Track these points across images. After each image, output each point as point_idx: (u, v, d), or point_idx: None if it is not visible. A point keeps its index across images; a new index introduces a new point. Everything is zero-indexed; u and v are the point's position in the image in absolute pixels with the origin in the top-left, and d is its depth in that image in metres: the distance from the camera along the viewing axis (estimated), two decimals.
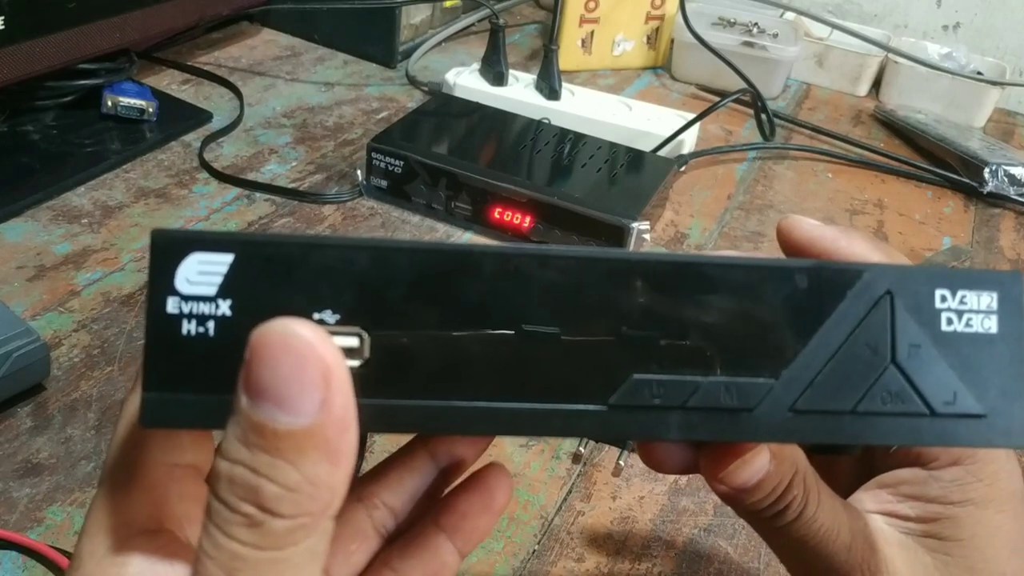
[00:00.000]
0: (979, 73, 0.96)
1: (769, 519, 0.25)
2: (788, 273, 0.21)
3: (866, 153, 0.85)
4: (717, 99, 0.82)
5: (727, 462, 0.23)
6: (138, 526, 0.20)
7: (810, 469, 0.26)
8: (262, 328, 0.17)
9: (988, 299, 0.21)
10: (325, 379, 0.17)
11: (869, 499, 0.28)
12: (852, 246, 0.27)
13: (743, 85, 0.84)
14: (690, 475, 0.47)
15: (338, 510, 0.18)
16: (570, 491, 0.46)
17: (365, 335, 0.20)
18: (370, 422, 0.19)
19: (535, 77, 0.80)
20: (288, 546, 0.17)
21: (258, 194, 0.65)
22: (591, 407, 0.20)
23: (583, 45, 0.93)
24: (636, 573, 0.42)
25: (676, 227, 0.70)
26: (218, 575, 0.17)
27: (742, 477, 0.24)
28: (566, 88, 0.79)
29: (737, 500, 0.24)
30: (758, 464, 0.23)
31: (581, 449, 0.48)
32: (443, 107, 0.73)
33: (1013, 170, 0.79)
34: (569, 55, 0.91)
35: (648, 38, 0.96)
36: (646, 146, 0.72)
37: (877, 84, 0.98)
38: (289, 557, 0.17)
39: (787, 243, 0.28)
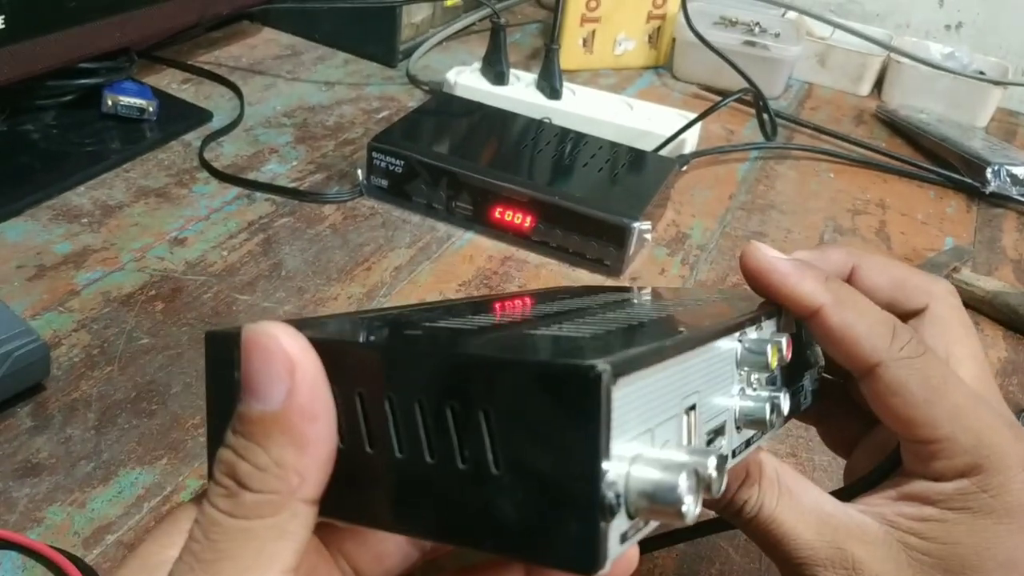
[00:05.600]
0: (981, 73, 0.95)
1: (730, 515, 0.27)
2: None
3: (868, 153, 0.85)
4: (719, 98, 0.82)
5: None
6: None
7: (781, 470, 0.28)
8: (246, 328, 0.20)
9: None
10: (289, 371, 0.19)
11: (874, 494, 0.29)
12: (802, 284, 0.27)
13: (745, 84, 0.84)
14: None
15: (314, 497, 0.20)
16: None
17: None
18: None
19: (536, 76, 0.80)
20: (255, 518, 0.19)
21: (258, 193, 0.65)
22: None
23: (584, 44, 0.93)
24: (636, 573, 0.42)
25: (678, 227, 0.70)
26: (198, 535, 0.20)
27: None
28: (567, 87, 0.79)
29: None
30: None
31: None
32: (444, 106, 0.73)
33: (1016, 170, 0.79)
34: (570, 54, 0.91)
35: (650, 37, 0.96)
36: (647, 146, 0.72)
37: (879, 84, 0.98)
38: (256, 528, 0.19)
39: (746, 270, 0.28)
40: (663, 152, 0.73)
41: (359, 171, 0.67)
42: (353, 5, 0.87)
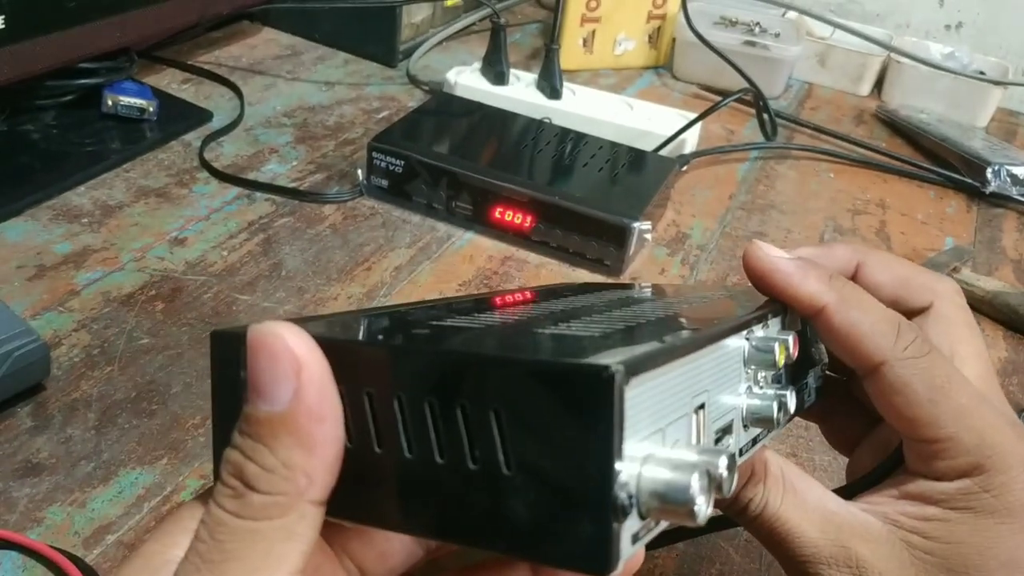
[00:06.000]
0: (981, 73, 0.95)
1: (735, 513, 0.28)
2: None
3: (868, 153, 0.85)
4: (719, 98, 0.82)
5: None
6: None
7: (786, 467, 0.28)
8: (251, 328, 0.19)
9: None
10: (296, 371, 0.19)
11: (876, 493, 0.29)
12: (805, 284, 0.27)
13: (745, 84, 0.84)
14: None
15: (321, 499, 0.20)
16: None
17: None
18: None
19: (536, 76, 0.80)
20: (263, 519, 0.19)
21: (258, 194, 0.65)
22: None
23: (584, 44, 0.93)
24: (637, 573, 0.42)
25: (678, 227, 0.70)
26: (205, 536, 0.19)
27: None
28: (567, 87, 0.79)
29: None
30: None
31: None
32: (444, 106, 0.73)
33: (1016, 170, 0.79)
34: (570, 54, 0.91)
35: (650, 37, 0.96)
36: (647, 145, 0.72)
37: (879, 84, 0.98)
38: (263, 529, 0.19)
39: (749, 270, 0.28)
40: (663, 152, 0.73)
41: (359, 171, 0.67)
42: (353, 5, 0.87)
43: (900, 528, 0.27)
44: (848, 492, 0.29)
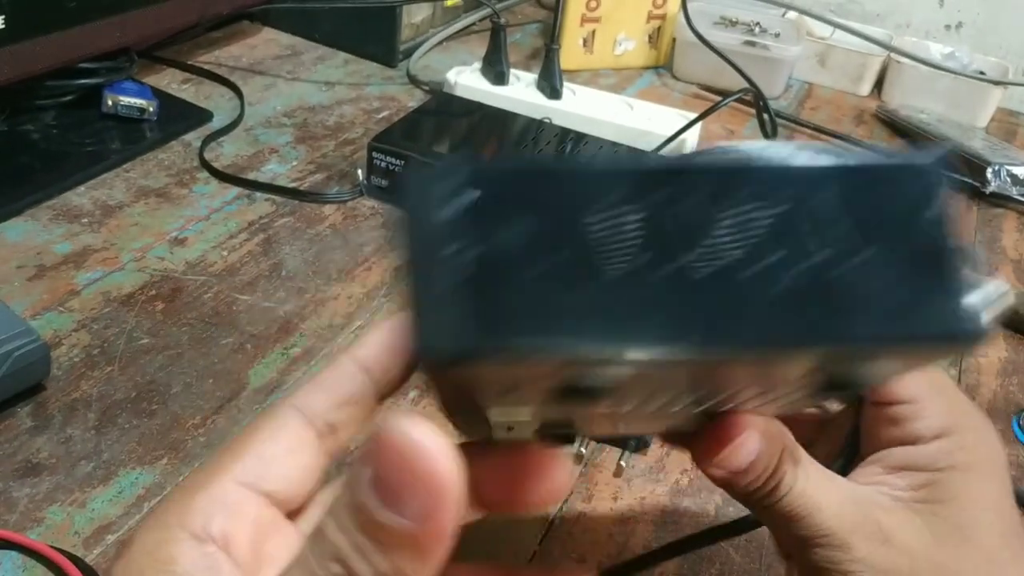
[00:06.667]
0: (982, 73, 0.95)
1: (763, 497, 0.27)
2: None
3: None
4: (719, 98, 0.82)
5: (719, 447, 0.25)
6: (190, 530, 0.21)
7: (797, 445, 0.28)
8: (390, 422, 0.17)
9: None
10: (433, 494, 0.17)
11: (860, 475, 0.30)
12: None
13: (745, 84, 0.84)
14: (692, 475, 0.47)
15: None
16: (571, 492, 0.46)
17: None
18: None
19: (536, 76, 0.80)
20: None
21: (258, 194, 0.65)
22: None
23: (584, 44, 0.93)
24: (638, 574, 0.42)
25: None
26: None
27: (737, 460, 0.25)
28: (567, 87, 0.79)
29: (733, 483, 0.26)
30: (750, 446, 0.25)
31: (582, 450, 0.47)
32: (444, 106, 0.73)
33: (1016, 170, 0.79)
34: (570, 54, 0.91)
35: (650, 37, 0.96)
36: (648, 146, 0.72)
37: (879, 84, 0.98)
38: None
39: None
40: (663, 152, 0.73)
41: (359, 171, 0.67)
42: (353, 5, 0.87)
43: (902, 500, 0.28)
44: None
